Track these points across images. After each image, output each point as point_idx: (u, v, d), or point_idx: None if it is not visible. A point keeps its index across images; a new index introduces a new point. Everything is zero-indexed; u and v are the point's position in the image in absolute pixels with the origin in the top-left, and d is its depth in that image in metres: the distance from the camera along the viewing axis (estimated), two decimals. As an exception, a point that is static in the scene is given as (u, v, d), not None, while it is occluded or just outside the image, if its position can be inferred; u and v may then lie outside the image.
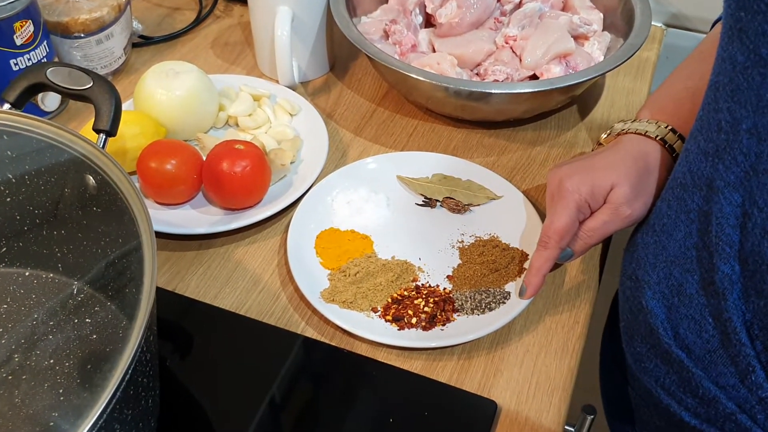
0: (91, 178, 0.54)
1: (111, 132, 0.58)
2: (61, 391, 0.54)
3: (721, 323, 0.51)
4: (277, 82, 0.86)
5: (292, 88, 0.85)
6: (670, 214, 0.55)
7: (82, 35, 0.84)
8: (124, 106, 0.62)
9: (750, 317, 0.49)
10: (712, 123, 0.50)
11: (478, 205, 0.73)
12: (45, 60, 0.80)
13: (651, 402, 0.61)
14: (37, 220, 0.59)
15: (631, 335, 0.62)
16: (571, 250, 0.64)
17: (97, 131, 0.58)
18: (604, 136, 0.70)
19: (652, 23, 0.81)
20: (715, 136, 0.49)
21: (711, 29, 0.73)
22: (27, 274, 0.60)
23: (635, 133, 0.65)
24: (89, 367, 0.56)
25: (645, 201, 0.62)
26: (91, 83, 0.58)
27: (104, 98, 0.58)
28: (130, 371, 0.41)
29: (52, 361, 0.56)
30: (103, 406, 0.39)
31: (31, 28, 0.77)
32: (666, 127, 0.64)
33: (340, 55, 0.94)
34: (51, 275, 0.61)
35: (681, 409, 0.58)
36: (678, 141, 0.63)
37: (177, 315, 0.66)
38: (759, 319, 0.49)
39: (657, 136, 0.63)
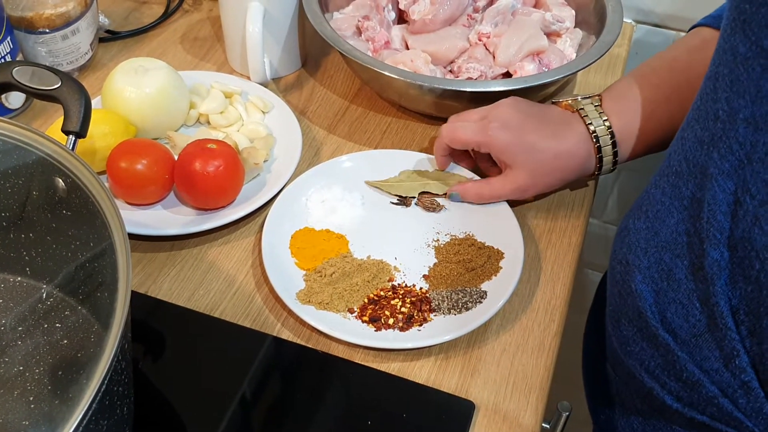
0: (60, 180, 0.52)
1: (81, 133, 0.56)
2: (31, 398, 0.53)
3: (708, 308, 0.52)
4: (249, 78, 0.84)
5: (264, 84, 0.84)
6: (664, 201, 0.56)
7: (47, 31, 0.82)
8: (92, 105, 0.61)
9: (736, 302, 0.51)
10: (710, 112, 0.51)
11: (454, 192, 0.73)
12: (9, 56, 0.78)
13: (634, 386, 0.62)
14: (4, 223, 0.57)
15: (618, 319, 0.62)
16: (459, 196, 0.72)
17: (67, 133, 0.56)
18: (561, 101, 0.72)
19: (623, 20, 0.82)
20: (711, 125, 0.50)
21: (689, 31, 0.72)
22: (-7, 278, 0.59)
23: (584, 118, 0.69)
24: (60, 373, 0.55)
25: (537, 191, 0.71)
26: (60, 83, 0.57)
27: (73, 99, 0.56)
28: (105, 382, 0.40)
29: (21, 367, 0.55)
30: (78, 419, 0.38)
31: (-6, 24, 0.75)
32: (608, 128, 0.68)
33: (312, 52, 0.93)
34: (19, 279, 0.60)
35: (664, 393, 0.58)
36: (609, 145, 0.68)
37: (149, 318, 0.64)
38: (745, 305, 0.50)
39: (594, 131, 0.68)
